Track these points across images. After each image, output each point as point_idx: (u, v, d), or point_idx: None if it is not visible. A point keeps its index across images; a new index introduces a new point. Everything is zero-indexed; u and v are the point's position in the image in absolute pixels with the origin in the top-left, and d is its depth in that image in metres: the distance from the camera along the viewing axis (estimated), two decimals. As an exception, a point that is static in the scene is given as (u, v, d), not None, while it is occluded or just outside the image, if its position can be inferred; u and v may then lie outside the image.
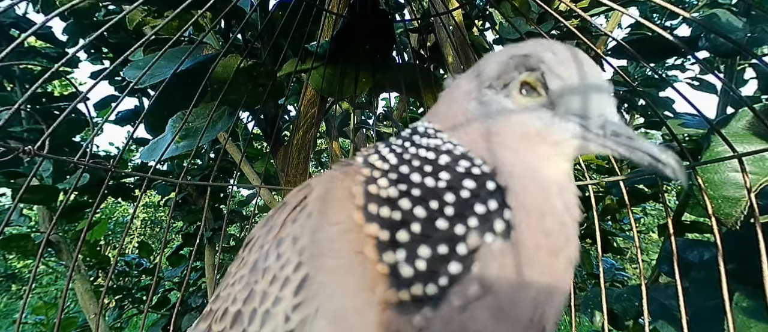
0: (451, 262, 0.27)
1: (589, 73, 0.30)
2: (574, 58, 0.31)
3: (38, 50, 1.65)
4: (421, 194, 0.29)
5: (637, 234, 0.60)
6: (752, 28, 0.85)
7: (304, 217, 0.31)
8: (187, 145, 0.88)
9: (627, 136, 0.29)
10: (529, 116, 0.31)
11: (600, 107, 0.30)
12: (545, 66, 0.30)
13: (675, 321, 0.72)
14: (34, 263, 0.61)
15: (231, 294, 0.32)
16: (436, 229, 0.27)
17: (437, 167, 0.30)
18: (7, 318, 3.94)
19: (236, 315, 0.30)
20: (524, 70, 0.31)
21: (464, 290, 0.26)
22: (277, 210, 0.35)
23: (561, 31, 1.35)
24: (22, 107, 0.43)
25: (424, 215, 0.28)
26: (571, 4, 0.64)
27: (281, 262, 0.29)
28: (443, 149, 0.31)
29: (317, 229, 0.29)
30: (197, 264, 2.17)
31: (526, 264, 0.27)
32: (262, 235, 0.34)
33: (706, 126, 0.84)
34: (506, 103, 0.32)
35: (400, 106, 2.10)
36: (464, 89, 0.35)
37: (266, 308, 0.29)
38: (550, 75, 0.30)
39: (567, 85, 0.30)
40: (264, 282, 0.30)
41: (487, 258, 0.27)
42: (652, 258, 3.30)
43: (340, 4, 0.94)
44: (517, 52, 0.32)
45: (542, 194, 0.30)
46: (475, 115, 0.33)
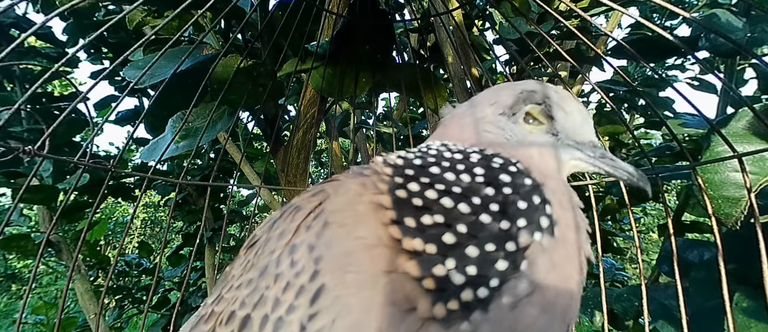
0: (501, 261, 0.27)
1: (581, 108, 0.37)
2: (572, 98, 0.38)
3: (38, 50, 1.65)
4: (461, 191, 0.29)
5: (637, 234, 0.60)
6: (752, 28, 0.85)
7: (320, 226, 0.30)
8: (187, 145, 0.88)
9: (610, 158, 0.37)
10: (539, 138, 0.37)
11: (590, 136, 0.38)
12: (551, 101, 0.37)
13: (675, 321, 0.72)
14: (34, 263, 0.61)
15: (237, 298, 0.31)
16: (481, 225, 0.27)
17: (470, 163, 0.31)
18: (7, 318, 3.95)
19: (245, 319, 0.30)
20: (530, 103, 0.37)
21: (515, 288, 0.27)
22: (287, 213, 0.34)
23: (561, 31, 1.35)
24: (22, 107, 0.43)
25: (468, 210, 0.28)
26: (571, 4, 0.64)
27: (296, 270, 0.29)
28: (470, 150, 0.33)
29: (335, 241, 0.29)
30: (197, 264, 2.17)
31: (568, 259, 0.29)
32: (273, 239, 0.33)
33: (706, 126, 0.85)
34: (517, 128, 0.37)
35: (400, 106, 2.10)
36: (475, 116, 0.39)
37: (279, 315, 0.28)
38: (557, 109, 0.37)
39: (569, 118, 0.37)
40: (276, 289, 0.29)
41: (537, 254, 0.28)
42: (652, 258, 3.30)
43: (340, 4, 0.94)
44: (525, 87, 0.38)
45: (567, 192, 0.33)
46: (492, 135, 0.37)
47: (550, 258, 0.28)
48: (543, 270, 0.28)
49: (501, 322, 0.26)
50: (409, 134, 0.95)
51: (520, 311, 0.26)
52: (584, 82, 1.76)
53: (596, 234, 0.61)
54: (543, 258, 0.28)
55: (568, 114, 0.37)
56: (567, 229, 0.30)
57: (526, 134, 0.37)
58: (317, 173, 3.35)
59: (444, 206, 0.28)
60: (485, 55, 1.57)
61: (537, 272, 0.27)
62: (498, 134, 0.37)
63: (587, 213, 0.35)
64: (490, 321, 0.26)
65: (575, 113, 0.37)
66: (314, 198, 0.33)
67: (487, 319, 0.26)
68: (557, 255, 0.29)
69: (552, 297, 0.28)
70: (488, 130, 0.37)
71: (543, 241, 0.28)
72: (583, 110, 0.38)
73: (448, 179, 0.30)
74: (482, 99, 0.40)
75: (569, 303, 0.29)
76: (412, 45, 1.51)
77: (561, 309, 0.28)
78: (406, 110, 1.64)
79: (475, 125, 0.38)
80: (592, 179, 0.65)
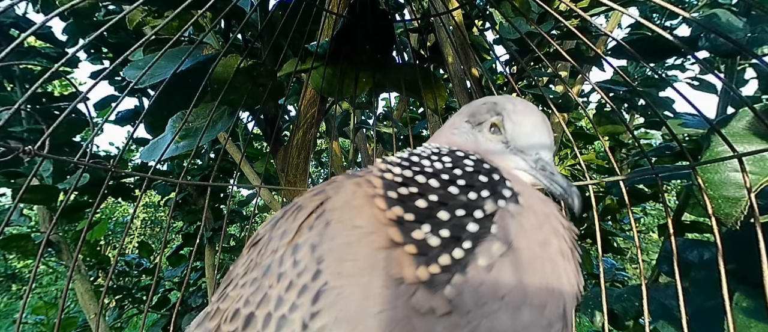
0: (470, 224, 0.30)
1: (533, 120, 0.40)
2: (527, 110, 0.41)
3: (38, 50, 1.65)
4: (433, 171, 0.34)
5: (637, 234, 0.60)
6: (752, 28, 0.85)
7: (322, 225, 0.32)
8: (187, 145, 0.88)
9: (550, 172, 0.39)
10: (492, 146, 0.41)
11: (537, 148, 0.40)
12: (505, 113, 0.40)
13: (675, 321, 0.72)
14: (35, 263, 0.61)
15: (242, 296, 0.32)
16: (451, 195, 0.32)
17: (442, 155, 0.37)
18: (7, 318, 3.94)
19: (249, 317, 0.31)
20: (494, 114, 0.41)
21: (489, 250, 0.29)
22: (289, 213, 0.35)
23: (561, 31, 1.35)
24: (22, 107, 0.43)
25: (437, 185, 0.32)
26: (571, 4, 0.64)
27: (298, 269, 0.30)
28: (443, 150, 0.39)
29: (335, 237, 0.31)
30: (197, 264, 2.17)
31: (539, 225, 0.32)
32: (275, 238, 0.34)
33: (706, 126, 0.85)
34: (479, 136, 0.42)
35: (400, 106, 2.10)
36: (450, 123, 0.45)
37: (282, 313, 0.29)
38: (507, 120, 0.40)
39: (516, 129, 0.40)
40: (279, 288, 0.30)
41: (505, 218, 0.31)
42: (652, 258, 3.30)
43: (340, 4, 0.94)
44: (490, 100, 0.42)
45: (526, 184, 0.37)
46: (461, 140, 0.43)
47: (519, 221, 0.31)
48: (513, 232, 0.30)
49: (481, 284, 0.28)
50: (409, 134, 0.95)
51: (497, 272, 0.28)
52: (584, 82, 1.76)
53: (596, 234, 0.62)
54: (511, 221, 0.31)
55: (516, 125, 0.40)
56: (533, 200, 0.33)
57: (485, 141, 0.41)
58: (317, 173, 3.35)
59: (417, 182, 0.33)
60: (485, 55, 1.57)
61: (507, 234, 0.30)
62: (466, 140, 0.42)
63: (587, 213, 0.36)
64: (471, 284, 0.28)
65: (524, 124, 0.40)
66: (316, 198, 0.35)
67: (467, 281, 0.28)
68: (525, 219, 0.31)
69: (528, 259, 0.29)
70: (457, 136, 0.43)
71: (509, 207, 0.31)
72: (537, 121, 0.40)
73: (423, 165, 0.35)
74: (461, 111, 0.46)
75: (554, 270, 0.31)
76: (412, 45, 1.51)
77: (543, 274, 0.30)
78: (406, 110, 1.64)
79: (445, 131, 0.45)
80: (592, 180, 0.66)
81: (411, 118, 2.05)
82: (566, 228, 0.34)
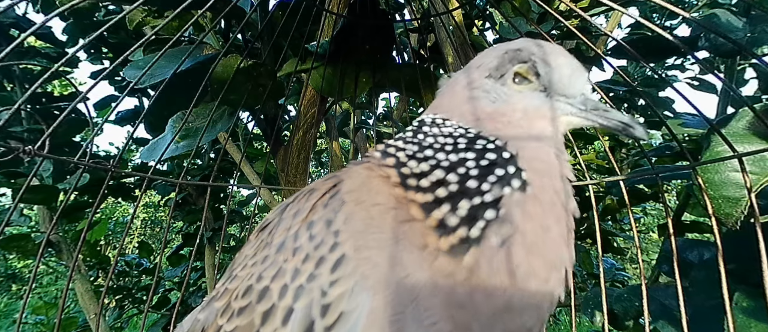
0: (486, 209, 0.32)
1: (569, 61, 0.37)
2: (558, 50, 0.37)
3: (38, 50, 1.65)
4: (449, 165, 0.34)
5: (637, 234, 0.60)
6: (752, 28, 0.85)
7: (337, 203, 0.33)
8: (187, 145, 0.88)
9: (603, 109, 0.37)
10: (527, 97, 0.37)
11: (581, 88, 0.37)
12: (535, 57, 0.37)
13: (675, 321, 0.72)
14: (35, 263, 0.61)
15: (253, 273, 0.33)
16: (467, 187, 0.33)
17: (457, 148, 0.35)
18: (7, 318, 3.94)
19: (263, 290, 0.32)
20: (517, 62, 0.37)
21: (499, 229, 0.31)
22: (301, 196, 0.37)
23: (561, 31, 1.35)
24: (22, 107, 0.43)
25: (456, 179, 0.33)
26: (571, 4, 0.64)
27: (315, 242, 0.31)
28: (457, 134, 0.37)
29: (354, 215, 0.32)
30: (197, 264, 2.17)
31: (545, 212, 0.33)
32: (288, 218, 0.35)
33: (706, 126, 0.84)
34: (505, 89, 0.38)
35: (400, 106, 2.10)
36: (464, 82, 0.40)
37: (300, 283, 0.30)
38: (542, 65, 0.37)
39: (555, 72, 0.36)
40: (295, 261, 0.32)
41: (510, 205, 0.32)
42: (652, 258, 3.30)
43: (340, 4, 0.94)
44: (510, 47, 0.38)
45: (547, 158, 0.35)
46: (479, 101, 0.38)
47: (523, 208, 0.32)
48: (518, 217, 0.32)
49: (494, 256, 0.31)
50: (409, 134, 0.95)
51: (507, 249, 0.31)
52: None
53: (596, 234, 0.62)
54: (517, 208, 0.32)
55: (554, 68, 0.36)
56: (541, 188, 0.34)
57: (513, 94, 0.37)
58: (317, 173, 3.34)
59: (437, 175, 0.33)
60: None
61: (514, 218, 0.32)
62: (482, 98, 0.38)
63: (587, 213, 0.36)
64: (485, 255, 0.30)
65: (563, 66, 0.37)
66: (328, 181, 0.36)
67: (482, 253, 0.30)
68: (530, 207, 0.32)
69: (533, 241, 0.32)
70: (474, 96, 0.39)
71: (514, 195, 0.32)
72: (573, 62, 0.37)
73: (439, 159, 0.35)
74: (471, 63, 0.42)
75: (555, 250, 0.33)
76: (412, 45, 1.51)
77: (545, 253, 0.32)
78: (406, 110, 1.64)
79: (462, 92, 0.40)
80: (592, 180, 0.65)
81: (411, 118, 2.05)
82: (568, 214, 0.35)
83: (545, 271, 0.32)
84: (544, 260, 0.32)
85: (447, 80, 0.44)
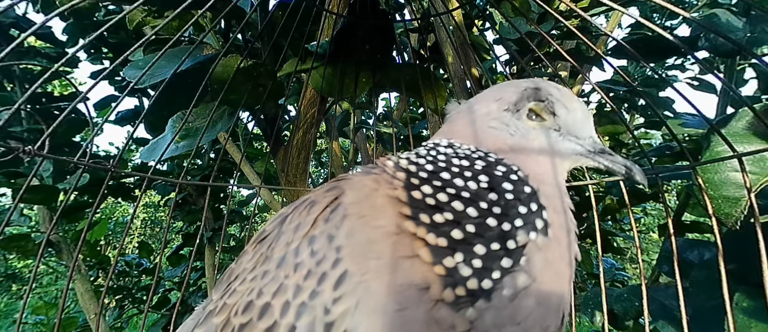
0: (503, 258, 0.30)
1: (582, 106, 0.39)
2: (572, 96, 0.40)
3: (38, 50, 1.65)
4: (470, 196, 0.32)
5: (637, 234, 0.60)
6: (752, 28, 0.85)
7: (339, 218, 0.32)
8: (187, 145, 0.88)
9: (609, 153, 0.39)
10: (542, 134, 0.39)
11: (590, 131, 0.40)
12: (553, 98, 0.38)
13: (675, 321, 0.72)
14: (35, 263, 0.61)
15: (254, 288, 0.33)
16: (487, 227, 0.31)
17: (476, 171, 0.34)
18: (7, 318, 3.94)
19: (264, 307, 0.31)
20: (534, 100, 0.39)
21: (514, 281, 0.30)
22: (301, 208, 0.36)
23: (561, 31, 1.35)
24: (22, 107, 0.43)
25: (475, 214, 0.31)
26: (571, 4, 0.64)
27: (317, 258, 0.31)
28: (475, 156, 0.36)
29: (356, 231, 0.31)
30: (197, 264, 2.17)
31: (560, 256, 0.32)
32: (288, 231, 0.34)
33: (706, 126, 0.84)
34: (521, 124, 0.39)
35: (400, 106, 2.10)
36: (483, 111, 0.40)
37: (302, 300, 0.30)
38: (559, 106, 0.38)
39: (570, 115, 0.38)
40: (297, 277, 0.31)
41: (533, 252, 0.31)
42: (652, 258, 3.30)
43: (340, 4, 0.94)
44: (529, 85, 0.39)
45: (560, 196, 0.36)
46: (499, 132, 0.39)
47: (545, 255, 0.31)
48: (538, 266, 0.30)
49: (502, 311, 0.29)
50: (409, 134, 0.95)
51: (519, 302, 0.29)
52: (584, 82, 1.76)
53: (596, 234, 0.62)
54: (538, 255, 0.31)
55: (570, 111, 0.38)
56: (560, 230, 0.33)
57: (529, 130, 0.39)
58: (317, 173, 3.34)
59: (454, 208, 0.31)
60: (485, 55, 1.57)
61: (534, 268, 0.30)
62: (502, 130, 0.39)
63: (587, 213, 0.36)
64: (493, 309, 0.29)
65: (577, 110, 0.39)
66: (329, 193, 0.35)
67: (490, 307, 0.29)
68: (551, 253, 0.32)
69: (547, 291, 0.31)
70: (493, 126, 0.39)
71: (538, 240, 0.31)
72: (585, 107, 0.40)
73: (457, 185, 0.33)
74: (488, 95, 0.42)
75: (562, 297, 0.32)
76: (412, 45, 1.51)
77: (555, 302, 0.31)
78: (406, 110, 1.64)
79: (480, 121, 0.40)
80: (592, 179, 0.65)
81: (411, 118, 2.05)
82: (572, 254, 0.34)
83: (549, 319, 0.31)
84: (549, 308, 0.31)
85: (454, 107, 0.44)
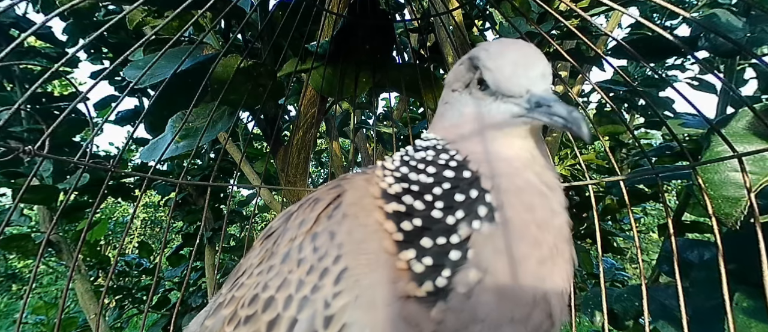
0: (450, 252, 0.30)
1: (513, 58, 0.34)
2: (502, 48, 0.35)
3: (38, 50, 1.65)
4: (417, 190, 0.33)
5: (637, 234, 0.60)
6: (752, 28, 0.85)
7: (340, 216, 0.33)
8: (187, 145, 0.88)
9: (547, 105, 0.32)
10: (476, 105, 0.36)
11: (526, 84, 0.33)
12: (480, 63, 0.35)
13: (675, 321, 0.72)
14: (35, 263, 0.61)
15: (260, 282, 0.34)
16: (433, 220, 0.31)
17: (426, 163, 0.34)
18: (7, 318, 3.94)
19: (269, 300, 0.32)
20: (473, 69, 0.36)
21: (465, 277, 0.29)
22: (305, 205, 0.37)
23: (561, 31, 1.35)
24: (22, 107, 0.43)
25: (421, 207, 0.32)
26: (571, 4, 0.64)
27: (319, 254, 0.32)
28: (430, 145, 0.36)
29: (353, 230, 0.32)
30: (197, 264, 2.17)
31: (517, 241, 0.30)
32: (292, 228, 0.35)
33: (706, 126, 0.84)
34: (466, 99, 0.37)
35: (400, 106, 2.09)
36: (442, 98, 0.41)
37: (304, 294, 0.31)
38: (484, 70, 0.35)
39: (495, 74, 0.34)
40: (300, 272, 0.32)
41: (478, 243, 0.30)
42: (652, 258, 3.29)
43: (340, 4, 0.94)
44: (466, 56, 0.37)
45: (512, 172, 0.33)
46: (446, 115, 0.39)
47: (493, 244, 0.30)
48: (488, 257, 0.29)
49: (461, 311, 0.29)
50: (410, 134, 0.95)
51: (476, 299, 0.29)
52: (584, 82, 1.76)
53: (596, 234, 0.62)
54: (486, 246, 0.30)
55: (495, 70, 0.34)
56: (513, 210, 0.31)
57: (468, 102, 0.37)
58: (317, 173, 3.34)
59: (405, 202, 0.32)
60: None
61: (483, 260, 0.29)
62: (449, 112, 0.38)
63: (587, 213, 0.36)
64: (453, 310, 0.29)
65: (503, 66, 0.34)
66: (332, 191, 0.36)
67: (449, 309, 0.29)
68: (500, 240, 0.30)
69: (505, 281, 0.29)
70: (442, 112, 0.39)
71: (483, 229, 0.30)
72: (517, 56, 0.34)
73: (411, 179, 0.34)
74: (447, 78, 0.41)
75: (533, 286, 0.30)
76: (412, 45, 1.51)
77: (523, 293, 0.30)
78: (406, 110, 1.64)
79: (443, 109, 0.40)
80: (593, 179, 0.65)
81: (411, 118, 2.05)
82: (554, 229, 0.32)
83: (519, 310, 0.29)
84: (517, 300, 0.29)
85: None
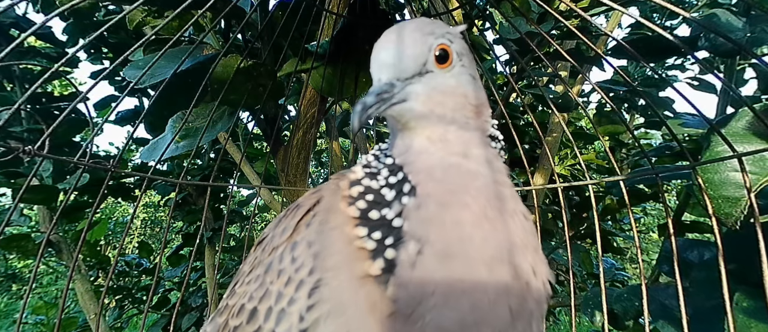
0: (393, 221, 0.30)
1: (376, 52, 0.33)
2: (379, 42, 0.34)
3: (38, 50, 1.65)
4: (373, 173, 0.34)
5: (637, 234, 0.60)
6: (752, 28, 0.84)
7: (317, 223, 0.34)
8: (187, 145, 0.88)
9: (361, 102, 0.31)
10: None
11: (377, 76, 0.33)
12: None
13: (675, 321, 0.72)
14: (35, 263, 0.61)
15: (247, 292, 0.35)
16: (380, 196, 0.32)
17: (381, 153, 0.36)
18: (7, 318, 3.94)
19: (252, 311, 0.33)
20: None
21: (406, 249, 0.29)
22: (290, 211, 0.37)
23: (561, 31, 1.35)
24: (22, 107, 0.43)
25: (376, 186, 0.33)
26: (571, 4, 0.64)
27: (296, 265, 0.32)
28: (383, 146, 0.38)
29: (324, 234, 0.33)
30: (197, 264, 2.17)
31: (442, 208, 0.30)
32: (277, 236, 0.36)
33: (706, 126, 0.84)
34: None
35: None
36: None
37: (281, 307, 0.31)
38: None
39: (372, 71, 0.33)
40: (279, 283, 0.32)
41: (409, 215, 0.30)
42: (652, 258, 3.30)
43: (340, 4, 0.94)
44: None
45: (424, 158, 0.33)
46: None
47: (420, 215, 0.30)
48: (419, 226, 0.30)
49: (409, 283, 0.28)
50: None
51: (420, 268, 0.28)
52: (584, 82, 1.76)
53: (596, 234, 0.62)
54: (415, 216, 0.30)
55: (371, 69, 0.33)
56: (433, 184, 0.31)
57: None
58: (317, 173, 3.34)
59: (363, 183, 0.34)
60: (485, 55, 1.57)
61: (416, 229, 0.30)
62: None
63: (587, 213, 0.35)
64: (402, 284, 0.28)
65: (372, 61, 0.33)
66: (313, 197, 0.37)
67: (399, 284, 0.28)
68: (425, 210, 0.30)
69: (443, 247, 0.29)
70: None
71: (409, 204, 0.31)
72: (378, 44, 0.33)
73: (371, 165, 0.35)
74: None
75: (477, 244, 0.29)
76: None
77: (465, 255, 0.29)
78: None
79: None
80: (592, 179, 0.66)
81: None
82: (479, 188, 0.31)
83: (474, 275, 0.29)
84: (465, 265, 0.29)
85: None
